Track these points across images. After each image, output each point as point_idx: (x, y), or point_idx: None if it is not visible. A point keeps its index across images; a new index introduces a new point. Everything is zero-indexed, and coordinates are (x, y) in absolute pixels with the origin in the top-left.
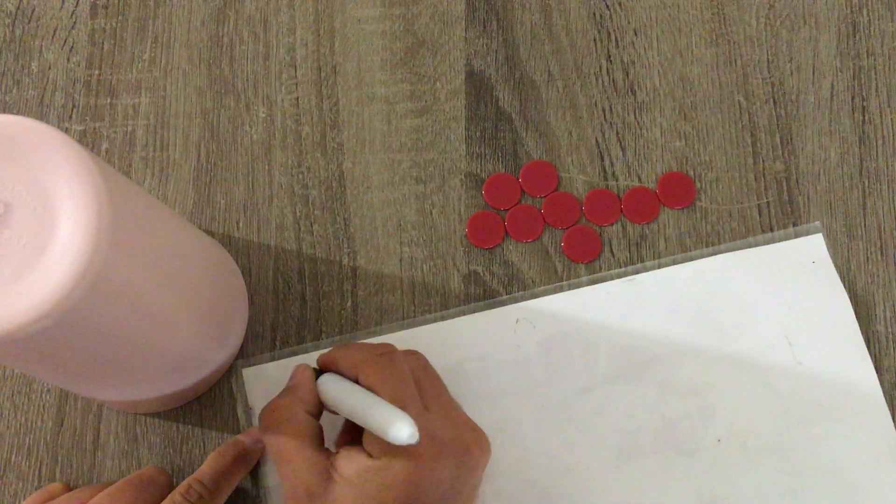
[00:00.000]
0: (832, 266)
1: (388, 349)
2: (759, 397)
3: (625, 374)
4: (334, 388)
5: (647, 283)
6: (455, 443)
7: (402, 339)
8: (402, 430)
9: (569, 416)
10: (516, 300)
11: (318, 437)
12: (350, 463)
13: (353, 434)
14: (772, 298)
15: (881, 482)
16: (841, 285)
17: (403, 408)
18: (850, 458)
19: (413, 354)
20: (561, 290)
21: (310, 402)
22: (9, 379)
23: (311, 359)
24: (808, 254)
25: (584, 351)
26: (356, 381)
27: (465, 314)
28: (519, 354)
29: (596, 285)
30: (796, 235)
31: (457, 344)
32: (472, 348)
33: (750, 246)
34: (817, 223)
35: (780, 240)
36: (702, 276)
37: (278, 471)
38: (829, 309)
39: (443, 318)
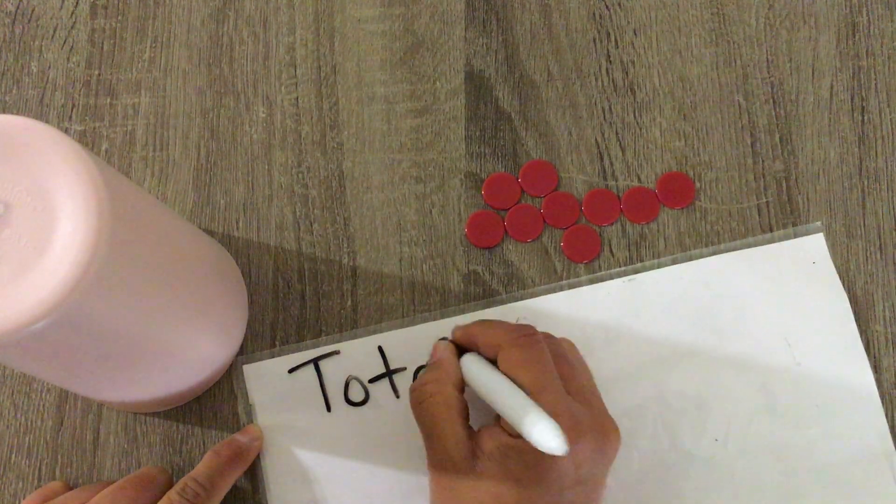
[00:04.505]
0: (832, 267)
1: (530, 331)
2: (757, 398)
3: (624, 373)
4: (478, 373)
5: (647, 282)
6: (595, 427)
7: (401, 336)
8: (550, 440)
9: None
10: (517, 299)
11: (465, 413)
12: (492, 440)
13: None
14: (772, 299)
15: (876, 484)
16: (841, 286)
17: (543, 391)
18: (846, 459)
19: (550, 338)
20: (561, 289)
21: (455, 378)
22: (9, 379)
23: (311, 354)
24: (809, 254)
25: (583, 350)
26: (495, 362)
27: (465, 313)
28: None
29: (596, 284)
30: (797, 235)
31: None
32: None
33: (751, 246)
34: (818, 223)
35: (781, 239)
36: (702, 275)
37: (426, 444)
38: (828, 310)
39: (443, 317)
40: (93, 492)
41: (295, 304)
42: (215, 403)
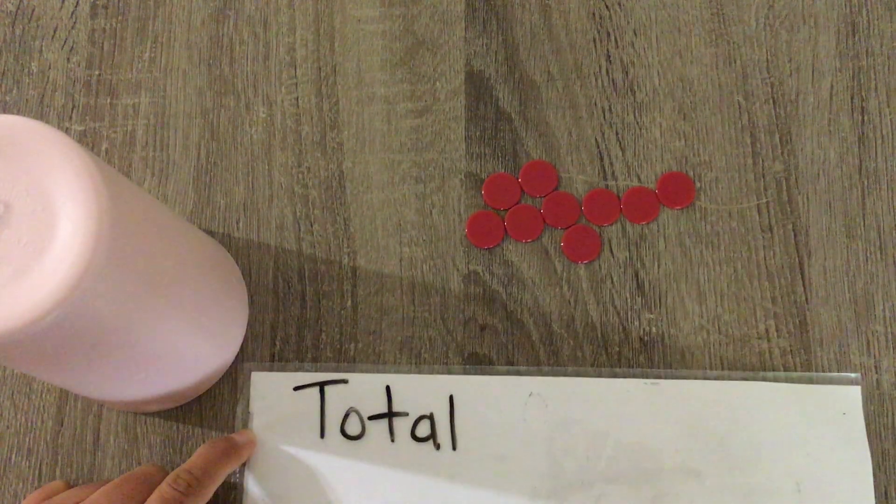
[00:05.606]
0: (863, 422)
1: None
2: None
3: (625, 476)
4: None
5: (669, 391)
6: None
7: (411, 382)
8: None
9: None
10: (533, 373)
11: None
12: None
13: None
14: (792, 440)
15: None
16: (867, 444)
17: None
18: None
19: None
20: (582, 374)
21: None
22: (9, 379)
23: (319, 377)
24: (842, 404)
25: (589, 443)
26: None
27: (479, 374)
28: (525, 429)
29: (617, 380)
30: (834, 382)
31: (465, 402)
32: (479, 410)
33: (786, 380)
34: (858, 375)
35: (818, 382)
36: (725, 397)
37: None
38: (849, 465)
39: (450, 373)
40: (92, 490)
41: (295, 304)
42: (215, 403)
